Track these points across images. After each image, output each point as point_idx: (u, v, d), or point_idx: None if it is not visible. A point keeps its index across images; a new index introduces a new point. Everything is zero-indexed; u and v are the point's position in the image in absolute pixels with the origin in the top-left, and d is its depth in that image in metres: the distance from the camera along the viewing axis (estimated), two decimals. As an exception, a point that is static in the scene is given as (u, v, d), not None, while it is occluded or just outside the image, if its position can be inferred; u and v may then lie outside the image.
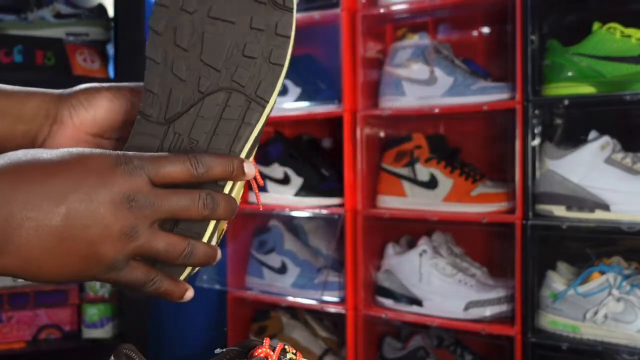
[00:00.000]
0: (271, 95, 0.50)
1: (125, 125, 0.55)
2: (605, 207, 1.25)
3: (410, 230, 1.62)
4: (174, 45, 0.50)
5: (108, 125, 0.55)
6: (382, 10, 1.48)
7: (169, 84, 0.50)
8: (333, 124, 1.57)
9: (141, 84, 0.54)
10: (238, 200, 0.52)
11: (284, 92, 1.62)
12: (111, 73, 1.83)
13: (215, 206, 0.47)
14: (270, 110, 0.51)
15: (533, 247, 1.30)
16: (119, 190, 0.44)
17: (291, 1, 0.50)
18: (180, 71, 0.50)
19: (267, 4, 0.49)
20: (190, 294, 0.52)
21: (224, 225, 0.53)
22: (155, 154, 0.47)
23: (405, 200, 1.50)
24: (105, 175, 0.44)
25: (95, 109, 0.55)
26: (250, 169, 0.49)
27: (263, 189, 1.61)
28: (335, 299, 1.54)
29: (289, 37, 0.50)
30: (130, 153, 0.46)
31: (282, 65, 0.50)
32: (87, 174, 0.44)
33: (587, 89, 1.27)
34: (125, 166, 0.45)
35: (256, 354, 0.52)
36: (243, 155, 0.50)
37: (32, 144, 0.54)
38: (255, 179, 0.52)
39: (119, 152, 0.46)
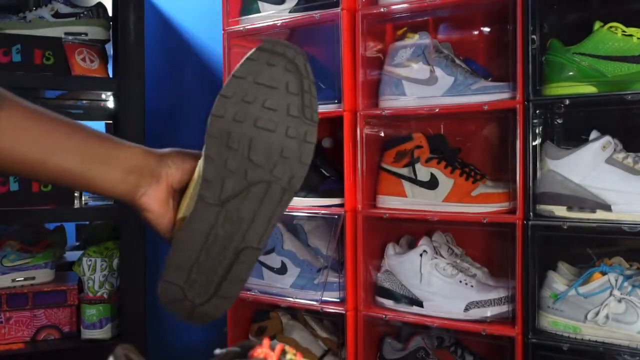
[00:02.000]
0: (299, 186, 0.66)
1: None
2: (607, 207, 1.25)
3: (411, 230, 1.61)
4: (227, 146, 0.64)
5: (186, 182, 0.70)
6: (382, 10, 1.48)
7: (222, 175, 0.65)
8: (333, 123, 1.56)
9: None
10: None
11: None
12: (110, 73, 1.82)
13: None
14: None
15: (534, 247, 1.30)
16: None
17: (316, 115, 0.66)
18: (232, 166, 0.65)
19: (299, 118, 0.65)
20: None
21: None
22: None
23: (406, 200, 1.50)
24: None
25: (182, 171, 0.69)
26: None
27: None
28: (335, 300, 1.54)
29: (313, 144, 0.66)
30: None
31: (308, 164, 0.66)
32: None
33: (588, 89, 1.26)
34: None
35: (256, 354, 0.52)
36: (276, 222, 0.67)
37: (136, 192, 0.68)
38: None
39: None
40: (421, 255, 1.46)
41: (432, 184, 1.47)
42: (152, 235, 2.09)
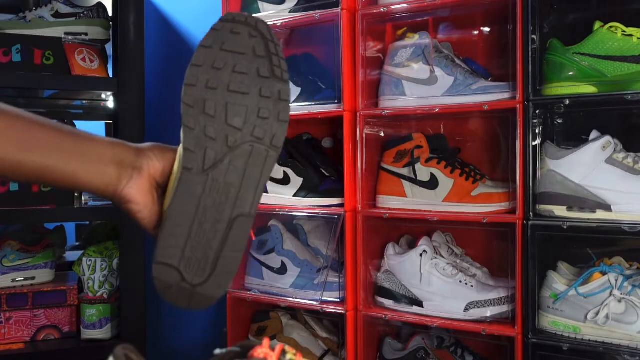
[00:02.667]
0: (282, 143, 0.67)
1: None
2: (607, 207, 1.25)
3: (411, 230, 1.61)
4: (204, 114, 0.65)
5: (167, 175, 0.70)
6: (382, 10, 1.48)
7: (203, 143, 0.65)
8: (333, 123, 1.56)
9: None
10: None
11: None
12: (110, 73, 1.82)
13: None
14: None
15: (534, 247, 1.30)
16: None
17: (286, 74, 0.67)
18: (211, 133, 0.65)
19: (270, 78, 0.67)
20: None
21: None
22: None
23: (406, 200, 1.50)
24: None
25: (164, 162, 0.70)
26: None
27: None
28: (335, 300, 1.54)
29: (288, 101, 0.67)
30: None
31: (287, 122, 0.67)
32: None
33: (588, 89, 1.27)
34: None
35: (256, 354, 0.52)
36: (265, 185, 0.67)
37: (116, 186, 0.68)
38: None
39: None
40: (421, 255, 1.46)
41: (432, 184, 1.47)
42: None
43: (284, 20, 1.58)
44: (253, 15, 0.68)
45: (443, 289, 1.43)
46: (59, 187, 0.72)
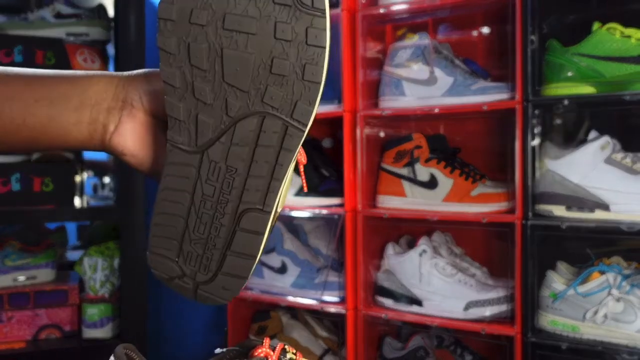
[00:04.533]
0: (310, 117, 0.46)
1: None
2: (605, 207, 1.25)
3: (410, 230, 1.62)
4: (191, 66, 0.45)
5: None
6: (382, 10, 1.48)
7: (193, 108, 0.46)
8: (333, 124, 1.57)
9: None
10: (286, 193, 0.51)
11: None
12: (111, 73, 1.83)
13: None
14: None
15: (533, 247, 1.30)
16: None
17: (322, 1, 0.42)
18: (204, 94, 0.45)
19: (291, 6, 0.42)
20: None
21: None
22: None
23: (405, 200, 1.50)
24: None
25: (162, 92, 0.49)
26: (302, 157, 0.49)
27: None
28: (335, 299, 1.54)
29: (323, 47, 0.43)
30: None
31: (319, 83, 0.44)
32: None
33: (587, 89, 1.27)
34: None
35: (256, 354, 0.52)
36: (286, 181, 0.48)
37: (103, 132, 0.51)
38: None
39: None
40: (421, 254, 1.46)
41: (431, 184, 1.47)
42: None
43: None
44: None
45: (443, 288, 1.43)
46: (37, 150, 0.54)
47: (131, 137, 0.51)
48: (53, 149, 0.52)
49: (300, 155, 0.50)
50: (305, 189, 0.54)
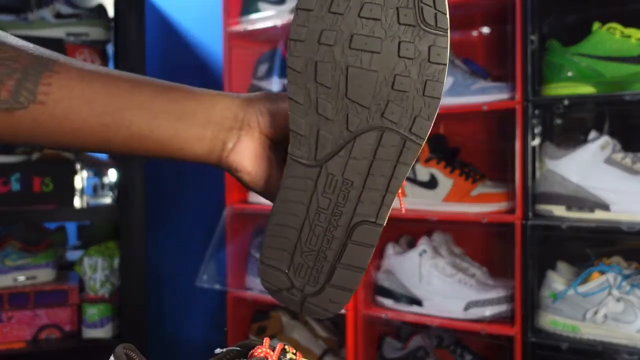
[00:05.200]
0: (428, 132, 0.48)
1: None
2: (605, 207, 1.25)
3: (410, 230, 1.62)
4: (316, 83, 0.47)
5: (283, 135, 0.54)
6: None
7: (315, 124, 0.48)
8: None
9: None
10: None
11: (284, 92, 1.62)
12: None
13: None
14: None
15: (533, 247, 1.30)
16: None
17: (445, 21, 0.45)
18: (326, 110, 0.48)
19: (416, 27, 0.45)
20: None
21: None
22: None
23: (405, 200, 1.50)
24: None
25: (279, 117, 0.53)
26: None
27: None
28: (335, 299, 1.54)
29: (444, 65, 0.46)
30: None
31: (439, 98, 0.47)
32: None
33: (586, 89, 1.27)
34: None
35: (256, 354, 0.52)
36: (398, 192, 0.50)
37: (222, 149, 0.54)
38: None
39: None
40: (421, 254, 1.46)
41: (431, 183, 1.47)
42: (152, 235, 2.08)
43: (284, 21, 1.58)
44: None
45: (442, 288, 1.43)
46: (155, 156, 0.56)
47: (247, 155, 0.54)
48: (169, 159, 0.54)
49: (402, 189, 0.53)
50: (403, 210, 0.54)
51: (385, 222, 0.51)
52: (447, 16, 0.45)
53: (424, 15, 0.45)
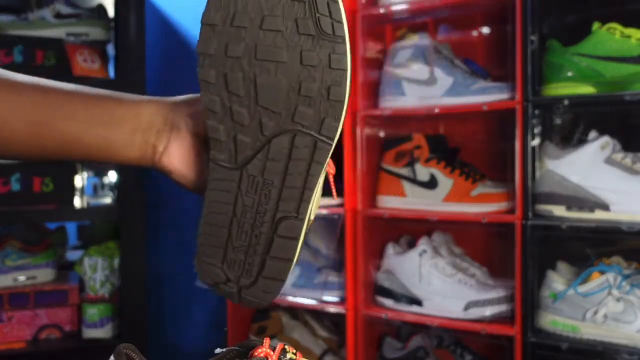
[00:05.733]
0: (336, 132, 0.51)
1: None
2: (605, 207, 1.25)
3: (410, 230, 1.62)
4: (228, 92, 0.51)
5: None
6: (382, 11, 1.48)
7: (232, 130, 0.52)
8: (333, 124, 1.56)
9: None
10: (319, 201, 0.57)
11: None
12: (111, 73, 1.83)
13: None
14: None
15: (533, 247, 1.30)
16: None
17: (342, 29, 0.49)
18: (241, 117, 0.51)
19: (315, 36, 0.49)
20: None
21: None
22: None
23: (405, 200, 1.50)
24: None
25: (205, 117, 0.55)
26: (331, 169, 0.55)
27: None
28: (335, 299, 1.54)
29: (345, 70, 0.50)
30: None
31: (343, 102, 0.50)
32: None
33: (586, 89, 1.27)
34: None
35: (256, 354, 0.52)
36: (317, 190, 0.54)
37: (153, 153, 0.56)
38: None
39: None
40: (421, 254, 1.46)
41: (431, 184, 1.48)
42: (152, 235, 2.09)
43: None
44: None
45: (442, 288, 1.43)
46: (86, 160, 0.59)
47: (178, 157, 0.56)
48: (104, 162, 0.57)
49: (329, 166, 0.56)
50: (335, 198, 0.59)
51: (308, 216, 0.55)
52: (344, 24, 0.48)
53: (321, 25, 0.48)
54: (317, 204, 0.57)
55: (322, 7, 0.48)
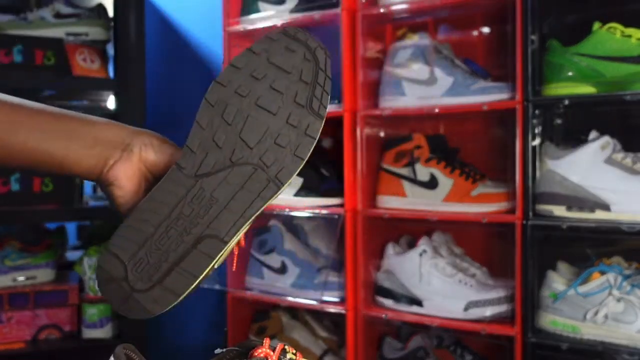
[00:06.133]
0: (287, 181, 0.60)
1: None
2: (606, 207, 1.25)
3: (410, 230, 1.62)
4: (221, 118, 0.60)
5: (162, 171, 0.63)
6: (382, 10, 1.48)
7: (207, 147, 0.60)
8: (333, 124, 1.56)
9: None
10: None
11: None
12: (111, 73, 1.83)
13: None
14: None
15: (533, 247, 1.30)
16: None
17: (324, 110, 0.61)
18: (220, 140, 0.60)
19: (304, 107, 0.61)
20: None
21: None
22: None
23: (405, 200, 1.50)
24: None
25: (161, 155, 0.63)
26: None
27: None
28: (335, 299, 1.54)
29: (314, 139, 0.61)
30: None
31: (303, 160, 0.60)
32: None
33: (587, 89, 1.27)
34: None
35: (256, 354, 0.52)
36: (248, 224, 0.60)
37: (104, 165, 0.62)
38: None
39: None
40: (421, 255, 1.46)
41: (431, 184, 1.47)
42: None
43: (284, 21, 1.58)
44: (316, 39, 0.63)
45: (442, 288, 1.43)
46: (50, 172, 0.65)
47: (123, 173, 0.62)
48: (60, 174, 0.63)
49: (241, 239, 0.63)
50: (243, 244, 0.65)
51: (231, 243, 0.60)
52: (326, 109, 0.61)
53: (312, 103, 0.61)
54: (237, 241, 0.62)
55: (318, 93, 0.61)
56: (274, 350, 0.53)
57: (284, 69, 0.61)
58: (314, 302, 1.55)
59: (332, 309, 1.54)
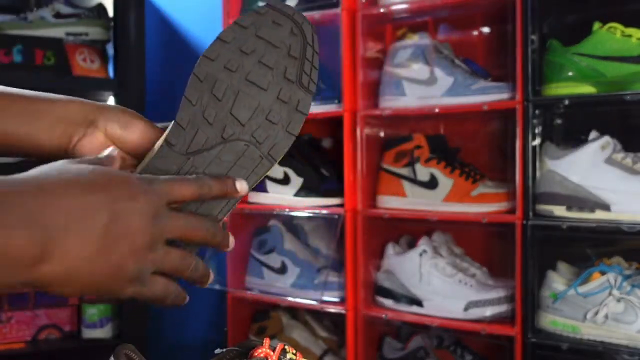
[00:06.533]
0: (280, 157, 0.60)
1: (141, 157, 0.62)
2: (606, 207, 1.25)
3: (410, 230, 1.62)
4: (211, 94, 0.58)
5: (131, 149, 0.61)
6: (382, 10, 1.48)
7: (197, 124, 0.59)
8: (333, 124, 1.57)
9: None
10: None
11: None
12: (111, 73, 1.83)
13: (217, 233, 0.55)
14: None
15: (533, 247, 1.30)
16: (146, 207, 0.49)
17: (314, 85, 0.60)
18: (210, 116, 0.58)
19: (294, 83, 0.60)
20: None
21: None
22: (168, 176, 0.54)
23: (405, 200, 1.50)
24: (134, 193, 0.49)
25: (128, 131, 0.61)
26: (243, 188, 0.58)
27: (263, 189, 1.61)
28: (335, 299, 1.54)
29: (305, 115, 0.60)
30: (148, 175, 0.53)
31: (295, 136, 0.60)
32: (118, 190, 0.48)
33: (587, 89, 1.27)
34: (149, 186, 0.50)
35: (256, 354, 0.52)
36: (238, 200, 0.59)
37: (69, 142, 0.60)
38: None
39: (138, 174, 0.53)
40: (421, 255, 1.46)
41: (431, 184, 1.47)
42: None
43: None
44: (301, 14, 0.62)
45: (443, 288, 1.43)
46: (17, 155, 0.64)
47: (88, 149, 0.61)
48: (26, 156, 0.62)
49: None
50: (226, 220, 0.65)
51: (222, 220, 0.59)
52: (315, 84, 0.61)
53: (301, 78, 0.60)
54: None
55: (307, 68, 0.60)
56: (274, 350, 0.53)
57: (272, 43, 0.59)
58: (314, 302, 1.55)
59: (332, 309, 1.53)
